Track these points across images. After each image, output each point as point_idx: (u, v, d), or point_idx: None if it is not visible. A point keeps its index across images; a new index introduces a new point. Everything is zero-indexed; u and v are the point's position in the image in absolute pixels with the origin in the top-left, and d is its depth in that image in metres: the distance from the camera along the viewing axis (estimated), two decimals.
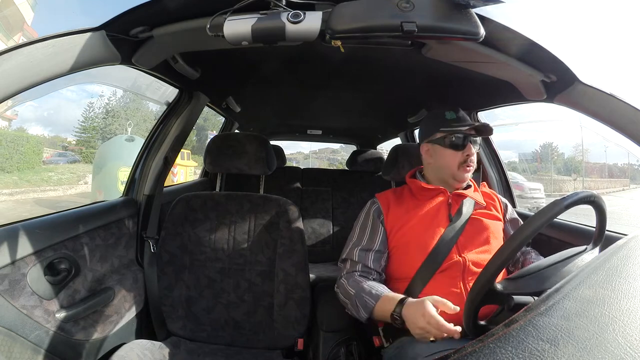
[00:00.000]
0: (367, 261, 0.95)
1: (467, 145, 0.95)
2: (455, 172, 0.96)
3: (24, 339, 0.74)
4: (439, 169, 0.99)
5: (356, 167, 2.25)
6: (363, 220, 1.02)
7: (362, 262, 0.95)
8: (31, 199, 8.63)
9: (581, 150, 19.96)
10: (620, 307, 0.30)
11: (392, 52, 0.99)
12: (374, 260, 0.95)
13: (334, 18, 0.64)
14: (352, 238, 1.01)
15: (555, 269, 0.61)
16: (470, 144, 0.95)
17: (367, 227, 1.00)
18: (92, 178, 7.78)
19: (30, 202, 8.32)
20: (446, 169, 0.97)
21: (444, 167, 0.98)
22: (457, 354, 0.27)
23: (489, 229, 0.93)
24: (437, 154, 0.99)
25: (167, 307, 1.12)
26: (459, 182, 0.98)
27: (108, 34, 0.69)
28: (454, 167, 0.96)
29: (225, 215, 1.16)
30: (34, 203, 8.25)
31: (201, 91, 1.29)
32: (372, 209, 1.02)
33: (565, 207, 0.57)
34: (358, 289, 0.89)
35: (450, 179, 0.98)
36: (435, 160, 1.00)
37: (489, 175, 1.47)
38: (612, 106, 0.80)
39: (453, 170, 0.96)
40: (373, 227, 0.98)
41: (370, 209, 1.02)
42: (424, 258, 0.89)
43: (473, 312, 0.59)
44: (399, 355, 0.85)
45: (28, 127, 17.56)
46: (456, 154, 0.95)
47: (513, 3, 54.96)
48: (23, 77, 0.57)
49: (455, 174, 0.96)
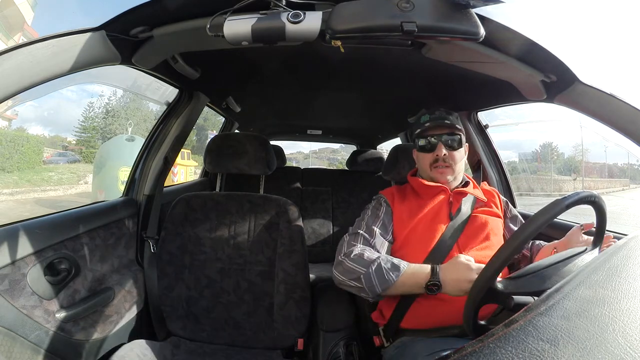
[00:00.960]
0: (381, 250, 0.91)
1: (438, 146, 0.96)
2: (429, 173, 0.98)
3: (24, 339, 0.74)
4: (421, 170, 1.03)
5: (356, 167, 2.25)
6: (373, 207, 1.00)
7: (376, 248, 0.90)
8: (32, 199, 8.64)
9: (581, 150, 19.98)
10: (620, 307, 0.30)
11: (392, 52, 0.99)
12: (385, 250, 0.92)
13: (334, 18, 0.64)
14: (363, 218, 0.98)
15: (556, 268, 0.61)
16: (440, 144, 0.96)
17: (379, 214, 0.97)
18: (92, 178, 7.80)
19: (31, 202, 8.34)
20: (423, 172, 1.01)
21: (421, 170, 1.02)
22: (457, 354, 0.27)
23: (489, 226, 0.93)
24: (417, 159, 1.04)
25: (167, 307, 1.12)
26: (440, 182, 0.98)
27: (108, 34, 0.69)
28: (427, 169, 0.99)
29: (225, 215, 1.16)
30: (34, 203, 8.26)
31: (201, 91, 1.29)
32: (381, 200, 1.02)
33: (566, 207, 0.57)
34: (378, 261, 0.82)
35: (429, 180, 0.99)
36: (418, 164, 1.05)
37: (489, 175, 1.47)
38: (612, 106, 0.80)
39: (428, 172, 0.99)
40: (385, 214, 0.98)
41: (379, 200, 1.02)
42: (425, 257, 0.89)
43: (473, 311, 0.59)
44: (399, 355, 0.85)
45: (28, 127, 17.57)
46: (426, 155, 0.99)
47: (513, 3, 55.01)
48: (23, 77, 0.57)
49: (431, 175, 0.98)
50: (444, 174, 0.97)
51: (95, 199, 2.62)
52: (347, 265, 0.84)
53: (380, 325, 0.96)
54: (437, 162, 0.97)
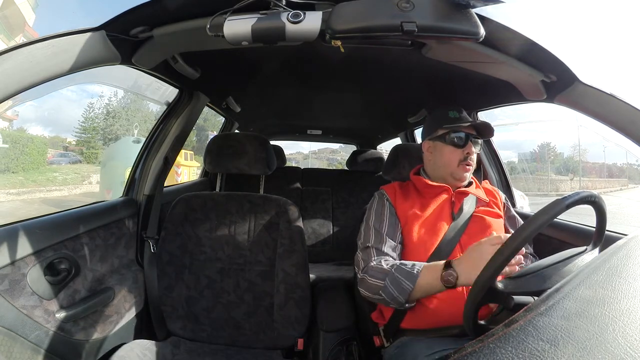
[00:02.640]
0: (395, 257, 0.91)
1: (468, 144, 0.95)
2: (454, 169, 0.96)
3: (24, 339, 0.74)
4: (439, 166, 0.99)
5: (356, 167, 2.25)
6: (376, 207, 0.99)
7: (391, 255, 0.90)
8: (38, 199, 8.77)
9: (580, 150, 20.01)
10: (620, 307, 0.30)
11: (392, 52, 0.99)
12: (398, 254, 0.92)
13: (334, 18, 0.64)
14: (369, 227, 0.96)
15: (556, 268, 0.61)
16: (471, 143, 0.96)
17: (384, 214, 0.96)
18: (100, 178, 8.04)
19: (38, 202, 8.46)
20: (446, 167, 0.98)
21: (444, 164, 0.98)
22: (457, 354, 0.27)
23: (491, 227, 0.93)
24: (437, 151, 0.99)
25: (167, 307, 1.12)
26: (458, 180, 0.98)
27: (108, 34, 0.69)
28: (454, 165, 0.96)
29: (225, 215, 1.16)
30: (41, 202, 8.38)
31: (201, 91, 1.29)
32: (383, 198, 1.00)
33: (566, 207, 0.57)
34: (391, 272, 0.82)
35: (449, 177, 0.98)
36: (436, 157, 1.00)
37: (489, 175, 1.47)
38: (612, 106, 0.80)
39: (452, 168, 0.96)
40: (390, 214, 0.97)
41: (382, 198, 1.01)
42: (428, 257, 0.88)
43: (474, 310, 0.59)
44: (399, 354, 0.85)
45: (29, 128, 17.56)
46: (456, 151, 0.96)
47: (513, 3, 55.03)
48: (23, 77, 0.57)
49: (454, 171, 0.96)
50: (468, 172, 0.97)
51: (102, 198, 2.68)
52: (368, 281, 0.85)
53: (380, 325, 0.96)
54: (466, 160, 0.96)
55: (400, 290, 0.79)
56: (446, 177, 0.98)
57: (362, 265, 0.90)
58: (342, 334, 1.07)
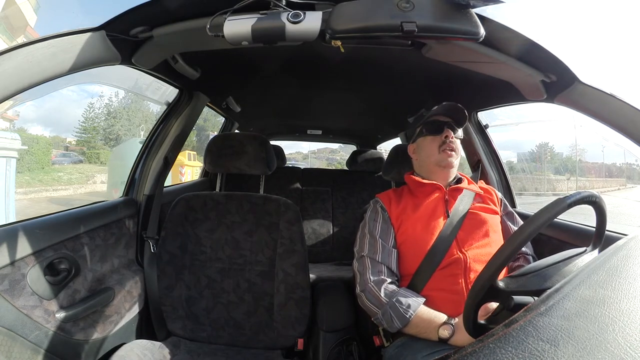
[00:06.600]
0: (390, 263, 0.92)
1: (445, 129, 0.98)
2: (437, 156, 0.98)
3: (24, 339, 0.74)
4: (424, 160, 1.02)
5: (356, 167, 2.25)
6: (370, 214, 1.01)
7: (385, 263, 0.92)
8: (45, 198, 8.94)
9: (579, 150, 20.03)
10: (620, 307, 0.30)
11: (392, 52, 0.99)
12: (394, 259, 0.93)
13: (334, 18, 0.64)
14: (364, 234, 0.98)
15: (556, 268, 0.61)
16: (447, 128, 0.98)
17: (377, 221, 0.99)
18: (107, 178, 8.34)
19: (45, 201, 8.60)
20: (429, 157, 1.00)
21: (427, 155, 1.01)
22: (457, 354, 0.27)
23: (487, 223, 0.93)
24: (420, 147, 1.04)
25: (167, 307, 1.12)
26: (444, 167, 0.99)
27: (108, 34, 0.69)
28: (435, 152, 0.99)
29: (225, 215, 1.16)
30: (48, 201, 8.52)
31: (201, 91, 1.29)
32: (377, 206, 1.02)
33: (567, 206, 0.57)
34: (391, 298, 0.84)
35: (435, 167, 0.99)
36: (420, 154, 1.04)
37: (488, 175, 1.47)
38: (612, 106, 0.80)
39: (435, 156, 0.99)
40: (384, 221, 0.98)
41: (375, 206, 1.02)
42: (424, 255, 0.89)
43: (474, 309, 0.59)
44: (399, 354, 0.85)
45: (29, 128, 17.59)
46: (435, 138, 0.99)
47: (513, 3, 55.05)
48: (23, 77, 0.57)
49: (438, 159, 0.98)
50: (452, 157, 0.98)
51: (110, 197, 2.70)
52: (365, 302, 0.89)
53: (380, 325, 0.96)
54: (445, 145, 0.97)
55: (391, 325, 0.84)
56: (434, 169, 1.00)
57: (359, 280, 0.93)
58: (342, 333, 1.07)
